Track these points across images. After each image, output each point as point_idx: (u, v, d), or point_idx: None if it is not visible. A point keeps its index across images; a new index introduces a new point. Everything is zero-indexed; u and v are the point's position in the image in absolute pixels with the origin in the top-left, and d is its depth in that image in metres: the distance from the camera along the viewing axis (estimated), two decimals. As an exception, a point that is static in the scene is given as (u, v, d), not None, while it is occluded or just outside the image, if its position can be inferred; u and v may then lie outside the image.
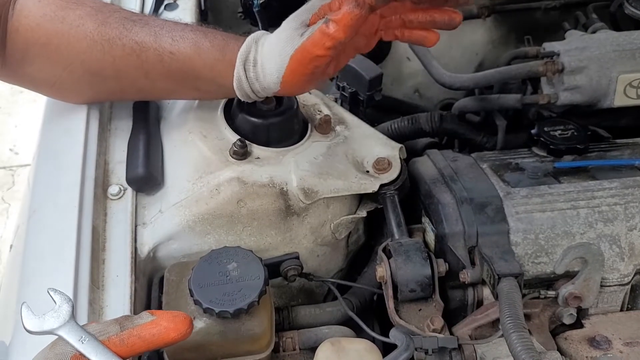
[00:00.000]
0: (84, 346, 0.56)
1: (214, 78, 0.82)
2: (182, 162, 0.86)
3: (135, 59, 0.82)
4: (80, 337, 0.56)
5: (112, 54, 0.82)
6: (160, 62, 0.82)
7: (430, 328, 0.75)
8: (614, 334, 0.79)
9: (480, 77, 1.00)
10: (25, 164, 2.68)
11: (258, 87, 0.80)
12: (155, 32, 0.82)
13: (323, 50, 0.72)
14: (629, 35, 0.94)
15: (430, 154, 0.93)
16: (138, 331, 0.57)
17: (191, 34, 0.82)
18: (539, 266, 0.80)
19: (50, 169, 0.87)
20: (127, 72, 0.84)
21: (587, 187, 0.83)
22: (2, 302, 0.83)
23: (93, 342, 0.56)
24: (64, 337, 0.56)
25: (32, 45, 0.83)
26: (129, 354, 0.57)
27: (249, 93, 0.81)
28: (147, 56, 0.82)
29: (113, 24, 0.82)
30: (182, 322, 0.58)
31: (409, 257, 0.78)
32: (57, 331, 0.57)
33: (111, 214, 0.83)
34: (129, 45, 0.82)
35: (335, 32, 0.70)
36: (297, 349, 0.78)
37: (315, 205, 0.84)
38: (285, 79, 0.76)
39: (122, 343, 0.56)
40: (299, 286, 0.90)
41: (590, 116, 0.98)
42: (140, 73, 0.83)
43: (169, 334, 0.57)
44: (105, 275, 0.77)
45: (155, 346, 0.58)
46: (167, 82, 0.84)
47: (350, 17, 0.70)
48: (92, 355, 0.55)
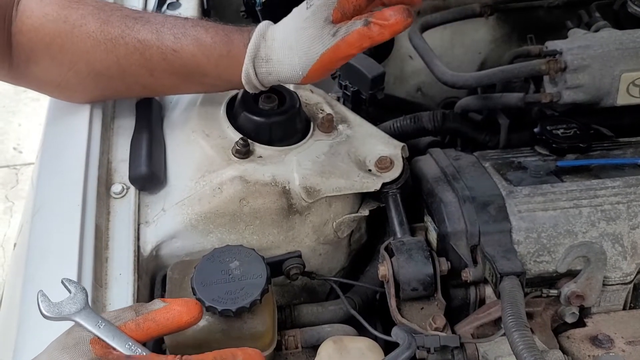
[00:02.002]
0: (101, 330, 0.58)
1: (219, 74, 0.82)
2: (185, 160, 0.87)
3: (139, 57, 0.82)
4: (97, 322, 0.58)
5: (115, 53, 0.82)
6: (164, 59, 0.82)
7: (433, 327, 0.75)
8: (616, 333, 0.79)
9: (483, 76, 1.00)
10: (29, 163, 2.69)
11: (271, 79, 0.80)
12: (157, 29, 0.82)
13: (358, 49, 0.74)
14: (632, 34, 0.94)
15: (432, 152, 0.93)
16: (153, 316, 0.59)
17: (192, 31, 0.81)
18: (541, 265, 0.80)
19: (53, 168, 0.87)
20: (132, 71, 0.84)
21: (590, 186, 0.83)
22: (7, 300, 0.83)
23: (110, 326, 0.58)
24: (81, 322, 0.58)
25: (36, 46, 0.83)
26: (144, 338, 0.59)
27: (258, 86, 0.82)
28: (150, 54, 0.82)
29: (115, 23, 0.82)
30: (194, 307, 0.60)
31: (411, 256, 0.78)
32: (74, 317, 0.59)
33: (114, 212, 0.83)
34: (132, 44, 0.82)
35: (379, 36, 0.72)
36: (299, 347, 0.78)
37: (318, 204, 0.84)
38: (311, 73, 0.77)
39: (138, 327, 0.58)
40: (301, 285, 0.90)
41: (592, 115, 0.98)
42: (145, 71, 0.83)
43: (182, 317, 0.59)
44: (108, 273, 0.77)
45: (169, 330, 0.60)
46: (173, 79, 0.84)
47: (402, 25, 0.71)
48: (109, 339, 0.57)
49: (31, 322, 0.70)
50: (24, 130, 2.88)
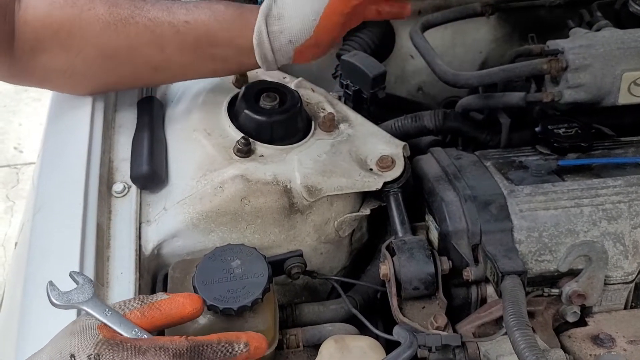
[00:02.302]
0: (108, 318, 0.60)
1: (231, 40, 0.83)
2: (186, 159, 0.87)
3: (149, 35, 0.83)
4: (104, 310, 0.61)
5: (126, 33, 0.82)
6: (175, 33, 0.82)
7: (434, 326, 0.75)
8: (617, 332, 0.79)
9: (484, 75, 1.00)
10: (30, 162, 2.69)
11: (282, 40, 0.81)
12: (168, 7, 0.83)
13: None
14: (633, 33, 0.94)
15: (433, 151, 0.94)
16: (157, 305, 0.62)
17: (204, 3, 0.83)
18: (542, 264, 0.80)
19: (55, 167, 0.87)
20: (142, 51, 0.84)
21: (591, 185, 0.83)
22: (8, 298, 0.83)
23: (116, 314, 0.60)
24: (89, 310, 0.61)
25: (43, 34, 0.83)
26: (149, 327, 0.61)
27: (268, 52, 0.82)
28: (162, 30, 0.82)
29: (124, 5, 0.83)
30: (196, 299, 0.63)
31: (412, 255, 0.78)
32: (82, 305, 0.61)
33: (116, 211, 0.83)
34: (143, 23, 0.82)
35: None
36: (300, 346, 0.78)
37: (319, 203, 0.84)
38: (323, 21, 0.78)
39: (143, 315, 0.61)
40: (303, 284, 0.90)
41: (594, 114, 0.98)
42: (156, 49, 0.84)
43: (185, 308, 0.62)
44: (109, 272, 0.77)
45: (172, 320, 0.62)
46: (183, 55, 0.85)
47: None
48: (116, 326, 0.60)
49: (32, 321, 0.70)
50: (24, 130, 2.88)
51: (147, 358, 0.57)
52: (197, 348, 0.59)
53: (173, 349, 0.58)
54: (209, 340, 0.60)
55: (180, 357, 0.57)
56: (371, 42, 1.17)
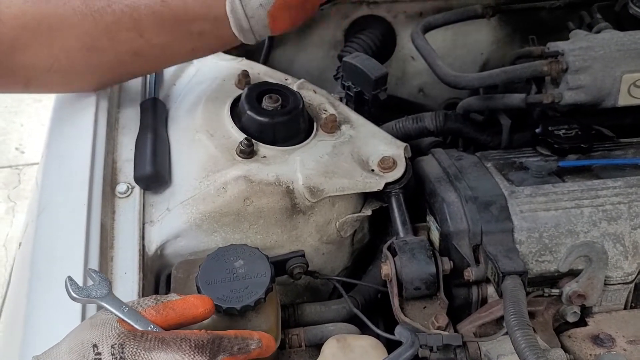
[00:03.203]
0: (125, 314, 0.62)
1: (207, 12, 0.84)
2: (189, 160, 0.87)
3: (127, 20, 0.84)
4: (121, 306, 0.62)
5: (104, 21, 0.83)
6: (152, 14, 0.83)
7: (435, 325, 0.75)
8: (617, 332, 0.79)
9: (485, 77, 1.00)
10: (31, 163, 2.69)
11: (254, 4, 0.82)
12: None
13: None
14: (633, 35, 0.94)
15: (434, 152, 0.94)
16: (172, 304, 0.63)
17: None
18: (543, 264, 0.81)
19: (58, 167, 0.87)
20: (122, 37, 0.85)
21: (591, 186, 0.84)
22: (13, 298, 0.84)
23: (132, 311, 0.62)
24: (107, 306, 0.62)
25: (21, 32, 0.83)
26: (163, 325, 0.63)
27: (242, 19, 0.83)
28: (139, 14, 0.83)
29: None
30: (207, 301, 0.65)
31: (413, 255, 0.78)
32: (100, 300, 0.63)
33: (119, 212, 0.84)
34: (119, 9, 0.83)
35: None
36: (302, 346, 0.78)
37: (321, 204, 0.85)
38: None
39: (158, 313, 0.63)
40: (305, 284, 0.91)
41: (594, 115, 0.99)
42: (135, 34, 0.85)
43: (198, 308, 0.64)
44: (113, 272, 0.78)
45: (185, 319, 0.64)
46: (163, 36, 0.86)
47: None
48: (133, 322, 0.61)
49: (38, 321, 0.71)
50: (26, 131, 2.88)
51: (170, 348, 0.59)
52: (217, 340, 0.61)
53: (195, 340, 0.60)
54: (227, 334, 0.62)
55: (202, 348, 0.60)
56: (372, 44, 1.17)
